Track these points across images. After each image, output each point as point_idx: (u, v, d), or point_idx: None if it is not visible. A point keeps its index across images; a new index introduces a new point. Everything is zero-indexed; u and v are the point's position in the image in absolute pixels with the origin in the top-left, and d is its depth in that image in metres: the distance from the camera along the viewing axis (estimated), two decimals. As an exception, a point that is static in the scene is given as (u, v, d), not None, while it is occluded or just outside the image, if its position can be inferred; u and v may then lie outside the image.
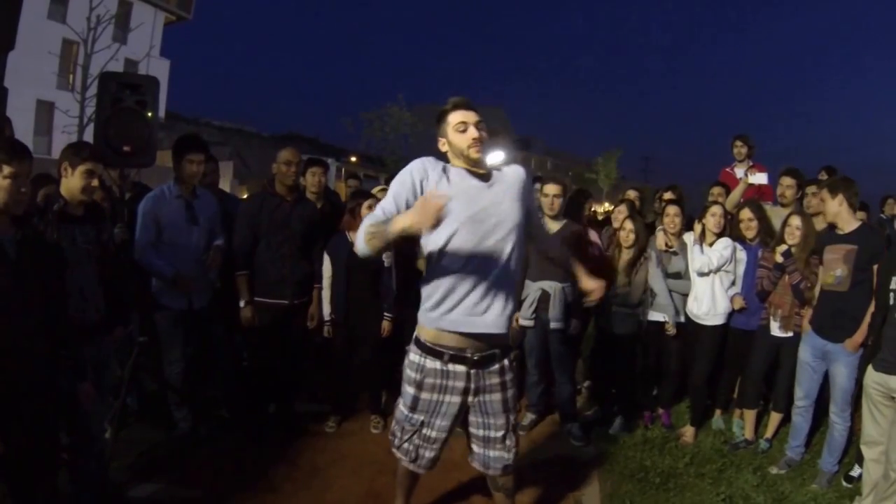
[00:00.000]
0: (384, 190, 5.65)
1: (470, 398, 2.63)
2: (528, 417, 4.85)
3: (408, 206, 2.45)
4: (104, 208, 3.84)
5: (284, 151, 4.46)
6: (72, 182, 3.04)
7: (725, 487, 3.97)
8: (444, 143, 2.64)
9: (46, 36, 22.15)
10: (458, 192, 2.51)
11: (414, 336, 2.70)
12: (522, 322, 4.64)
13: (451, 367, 2.58)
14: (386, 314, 4.58)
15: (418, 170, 2.54)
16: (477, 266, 2.51)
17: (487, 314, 2.54)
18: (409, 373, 2.67)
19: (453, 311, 2.54)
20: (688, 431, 4.74)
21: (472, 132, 2.57)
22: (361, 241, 2.40)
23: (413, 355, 2.67)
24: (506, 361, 2.68)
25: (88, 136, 4.39)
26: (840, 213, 3.97)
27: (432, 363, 2.60)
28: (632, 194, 5.84)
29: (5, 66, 4.21)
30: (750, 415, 4.70)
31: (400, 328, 4.63)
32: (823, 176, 5.95)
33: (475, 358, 2.58)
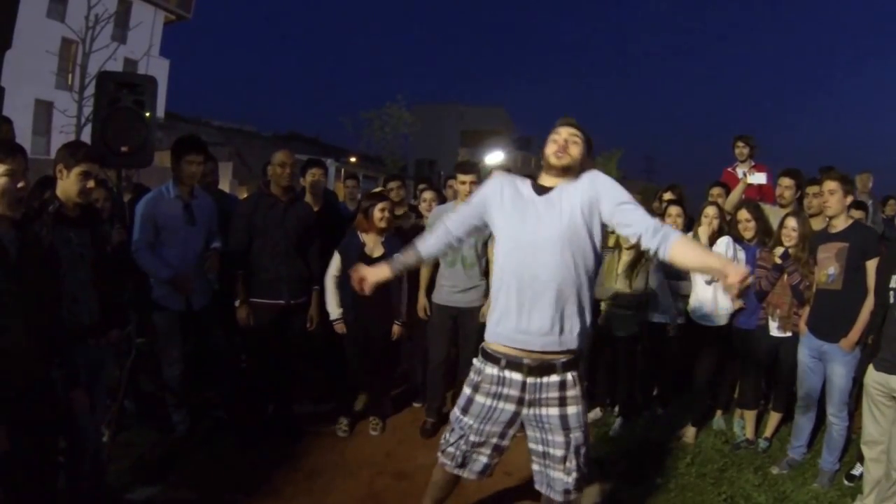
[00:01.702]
0: (391, 190, 5.64)
1: (525, 409, 2.56)
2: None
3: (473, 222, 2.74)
4: (100, 210, 3.83)
5: (279, 153, 4.45)
6: (68, 184, 2.99)
7: (727, 487, 3.97)
8: (543, 150, 2.67)
9: (45, 35, 22.09)
10: (512, 208, 2.57)
11: (480, 348, 2.70)
12: None
13: (507, 373, 2.55)
14: (396, 319, 4.57)
15: (492, 189, 2.68)
16: (522, 283, 2.49)
17: (534, 331, 2.49)
18: (470, 376, 2.68)
19: (502, 324, 2.55)
20: (688, 432, 4.73)
21: (560, 139, 2.59)
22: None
23: (476, 361, 2.68)
24: (569, 376, 2.56)
25: (86, 136, 4.40)
26: (842, 211, 3.98)
27: (490, 369, 2.59)
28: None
29: (2, 66, 4.20)
30: (750, 415, 4.69)
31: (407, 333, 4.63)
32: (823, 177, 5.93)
33: (532, 365, 2.52)
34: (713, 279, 4.55)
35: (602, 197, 2.51)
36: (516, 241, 2.53)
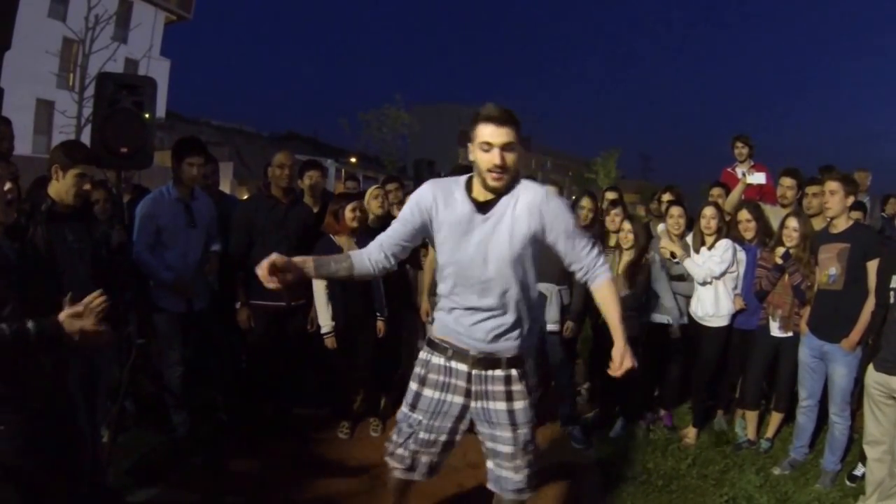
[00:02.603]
0: (380, 188, 5.62)
1: (472, 403, 2.54)
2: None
3: (419, 231, 2.51)
4: (93, 204, 3.81)
5: (279, 155, 4.45)
6: (63, 186, 2.97)
7: (728, 489, 3.96)
8: (471, 151, 2.42)
9: (47, 35, 22.12)
10: (452, 223, 2.42)
11: (427, 339, 2.68)
12: None
13: (453, 364, 2.52)
14: (378, 315, 4.55)
15: (423, 201, 2.46)
16: (466, 298, 2.46)
17: (478, 339, 2.48)
18: (416, 370, 2.64)
19: (448, 324, 2.54)
20: (690, 432, 4.72)
21: (495, 157, 2.30)
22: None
23: (422, 352, 2.65)
24: (514, 371, 2.54)
25: (86, 136, 4.41)
26: (843, 212, 3.98)
27: (437, 359, 2.56)
28: (610, 195, 5.83)
29: (1, 66, 4.19)
30: (752, 415, 4.68)
31: (397, 329, 4.61)
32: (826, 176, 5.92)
33: (477, 357, 2.49)
34: (712, 280, 4.56)
35: (549, 226, 2.40)
36: (458, 262, 2.44)
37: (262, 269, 2.48)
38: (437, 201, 2.44)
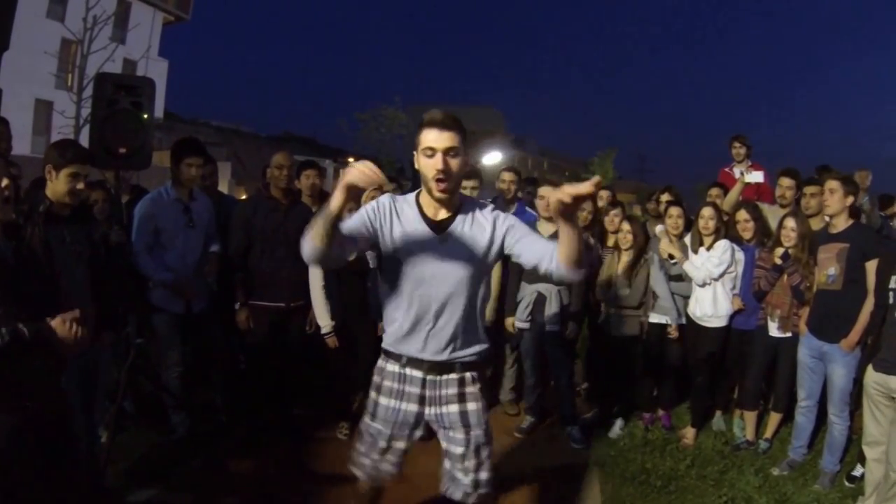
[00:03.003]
0: (376, 189, 5.61)
1: (427, 409, 2.49)
2: (527, 420, 4.84)
3: (366, 232, 2.34)
4: (92, 206, 3.81)
5: (277, 155, 4.44)
6: (57, 186, 2.95)
7: (727, 489, 3.96)
8: (416, 161, 2.33)
9: (45, 35, 22.09)
10: (407, 242, 2.33)
11: (382, 346, 2.60)
12: (518, 325, 4.64)
13: (408, 370, 2.47)
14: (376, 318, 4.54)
15: (375, 209, 2.38)
16: (418, 315, 2.39)
17: (431, 351, 2.42)
18: (374, 378, 2.59)
19: (399, 340, 2.46)
20: (688, 433, 4.72)
21: (438, 161, 2.21)
22: (306, 240, 2.18)
23: (379, 360, 2.59)
24: (468, 374, 2.49)
25: (84, 137, 4.39)
26: (843, 212, 3.99)
27: (392, 366, 2.51)
28: (604, 194, 5.86)
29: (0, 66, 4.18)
30: (750, 415, 4.69)
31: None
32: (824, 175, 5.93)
33: (431, 363, 2.44)
34: (711, 281, 4.55)
35: (507, 236, 2.37)
36: (415, 281, 2.36)
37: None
38: (393, 217, 2.37)
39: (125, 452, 3.84)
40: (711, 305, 4.59)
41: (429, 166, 2.24)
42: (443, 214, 2.36)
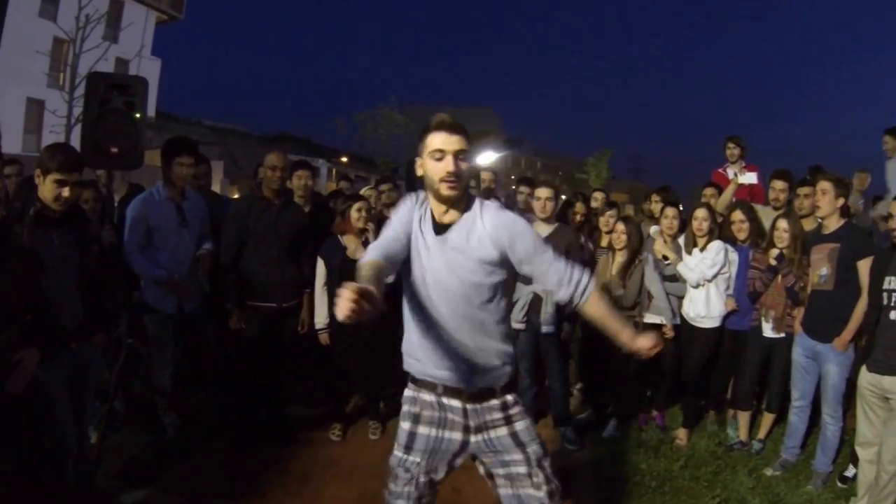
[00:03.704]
0: (373, 188, 5.61)
1: (472, 437, 2.34)
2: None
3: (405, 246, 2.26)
4: (86, 210, 3.78)
5: (270, 156, 4.40)
6: (44, 190, 2.93)
7: (721, 490, 3.96)
8: (420, 166, 2.29)
9: (37, 34, 22.01)
10: (416, 247, 2.27)
11: (409, 376, 2.43)
12: (514, 326, 4.62)
13: (445, 400, 2.31)
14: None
15: (405, 214, 2.31)
16: (430, 328, 2.28)
17: (448, 371, 2.29)
18: (404, 408, 2.41)
19: (422, 361, 2.33)
20: (682, 433, 4.72)
21: (448, 164, 2.18)
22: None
23: (408, 390, 2.42)
24: (509, 397, 2.37)
25: (76, 136, 4.36)
26: (835, 213, 3.99)
27: (427, 395, 2.34)
28: (598, 196, 5.86)
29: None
30: (744, 416, 4.69)
31: (394, 331, 4.58)
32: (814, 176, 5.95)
33: (471, 392, 2.30)
34: (705, 283, 4.56)
35: (515, 247, 2.25)
36: (418, 287, 2.28)
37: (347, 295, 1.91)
38: (409, 218, 2.31)
39: (116, 453, 3.81)
40: (704, 306, 4.59)
41: (438, 169, 2.20)
42: (449, 217, 2.28)
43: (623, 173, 58.92)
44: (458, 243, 2.25)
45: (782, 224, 4.34)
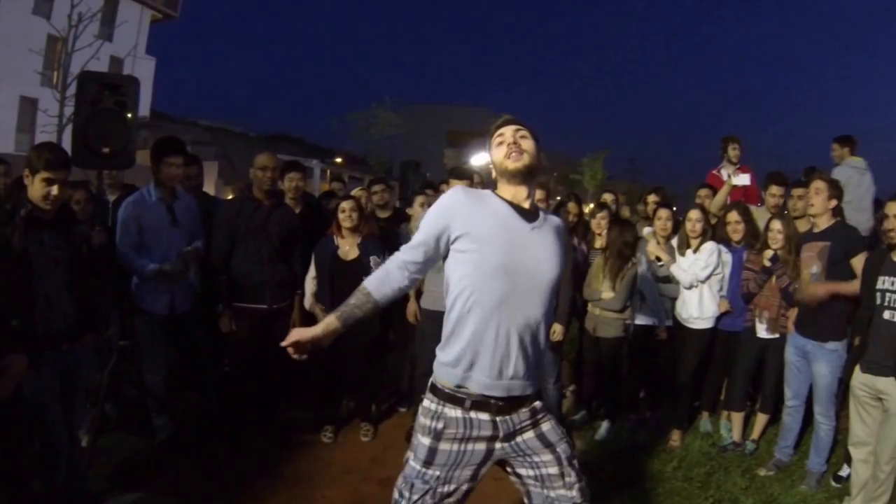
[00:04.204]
0: (364, 189, 5.58)
1: (499, 444, 2.24)
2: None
3: (435, 247, 2.20)
4: (76, 212, 3.75)
5: (261, 157, 4.35)
6: (33, 190, 2.91)
7: (714, 490, 3.96)
8: (492, 166, 2.31)
9: (31, 32, 21.89)
10: (494, 233, 2.16)
11: (430, 383, 2.30)
12: None
13: (473, 414, 2.19)
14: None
15: (454, 204, 2.21)
16: (502, 323, 2.16)
17: (511, 376, 2.19)
18: (423, 421, 2.25)
19: (473, 369, 2.19)
20: (675, 434, 4.72)
21: (509, 137, 2.25)
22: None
23: (428, 402, 2.26)
24: (537, 404, 2.32)
25: (68, 136, 4.31)
26: (826, 213, 4.00)
27: (452, 411, 2.20)
28: (608, 198, 5.84)
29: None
30: (737, 417, 4.70)
31: (386, 333, 4.59)
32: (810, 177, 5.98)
33: (500, 404, 2.20)
34: (698, 284, 4.56)
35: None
36: (501, 274, 2.15)
37: (292, 348, 2.23)
38: (469, 204, 2.21)
39: (107, 456, 3.79)
40: (698, 307, 4.59)
41: (501, 149, 2.27)
42: (528, 204, 2.27)
43: (619, 174, 58.89)
44: (548, 232, 2.27)
45: (776, 225, 4.35)
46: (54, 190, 2.90)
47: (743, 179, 5.80)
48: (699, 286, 4.58)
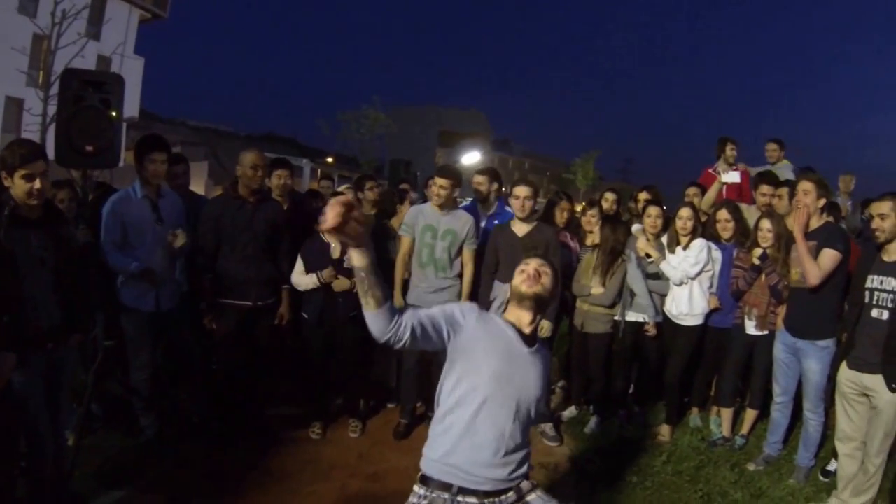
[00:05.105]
0: (350, 187, 5.56)
1: None
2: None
3: (445, 327, 2.29)
4: (63, 210, 3.72)
5: (250, 154, 4.28)
6: (15, 189, 2.86)
7: (703, 485, 3.98)
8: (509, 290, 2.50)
9: (16, 31, 21.75)
10: (494, 341, 2.34)
11: (419, 476, 2.39)
12: None
13: (460, 498, 2.29)
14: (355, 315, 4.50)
15: (466, 309, 2.39)
16: (485, 433, 2.28)
17: (489, 478, 2.30)
18: (412, 500, 2.36)
19: (458, 466, 2.29)
20: (664, 430, 4.73)
21: (531, 269, 2.41)
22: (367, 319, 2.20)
23: (417, 488, 2.37)
24: (523, 484, 2.40)
25: (52, 134, 4.28)
26: (815, 212, 4.01)
27: (440, 494, 2.30)
28: (610, 197, 5.84)
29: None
30: (726, 412, 4.71)
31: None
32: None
33: (488, 490, 2.30)
34: (688, 280, 4.57)
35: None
36: (496, 390, 2.29)
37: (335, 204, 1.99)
38: (478, 317, 2.37)
39: (93, 455, 3.76)
40: (687, 304, 4.60)
41: (521, 276, 2.43)
42: (529, 329, 2.43)
43: (613, 175, 59.14)
44: (536, 360, 2.42)
45: (765, 224, 4.36)
46: (37, 184, 2.85)
47: (732, 177, 5.83)
48: (689, 283, 4.59)
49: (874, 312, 3.45)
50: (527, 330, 2.41)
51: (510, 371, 2.32)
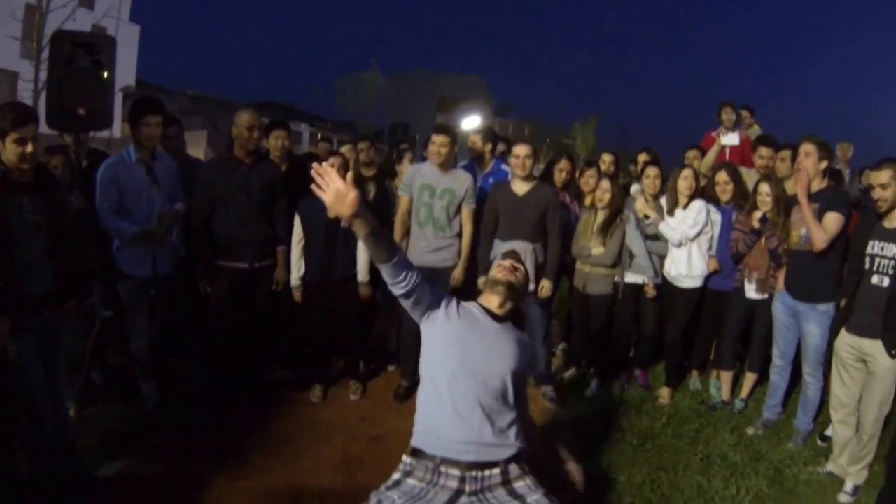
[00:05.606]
0: (351, 147, 5.49)
1: (465, 499, 2.34)
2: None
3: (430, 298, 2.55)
4: (56, 174, 3.66)
5: (245, 115, 4.23)
6: (7, 154, 2.81)
7: (703, 447, 4.00)
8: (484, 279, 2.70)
9: (8, 2, 21.38)
10: (462, 319, 2.56)
11: (409, 447, 2.48)
12: None
13: (443, 468, 2.36)
14: (361, 280, 4.48)
15: (447, 302, 2.60)
16: (464, 401, 2.40)
17: (469, 443, 2.37)
18: (399, 467, 2.45)
19: (433, 435, 2.41)
20: (664, 392, 4.74)
21: (507, 264, 2.72)
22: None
23: (405, 457, 2.46)
24: (511, 467, 2.42)
25: (44, 102, 4.18)
26: (816, 174, 3.95)
27: (423, 462, 2.40)
28: (607, 158, 5.78)
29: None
30: (726, 376, 4.72)
31: (373, 293, 4.56)
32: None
33: (471, 462, 2.36)
34: (687, 242, 4.53)
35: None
36: (461, 362, 2.46)
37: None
38: (455, 305, 2.61)
39: (94, 425, 3.75)
40: (686, 266, 4.57)
41: (498, 268, 2.79)
42: (503, 311, 2.67)
43: (611, 142, 58.74)
44: (509, 333, 2.61)
45: (764, 187, 4.32)
46: (29, 147, 2.80)
47: (731, 139, 5.78)
48: (688, 244, 4.55)
49: (875, 279, 3.42)
50: (497, 312, 2.64)
51: (475, 341, 2.50)
